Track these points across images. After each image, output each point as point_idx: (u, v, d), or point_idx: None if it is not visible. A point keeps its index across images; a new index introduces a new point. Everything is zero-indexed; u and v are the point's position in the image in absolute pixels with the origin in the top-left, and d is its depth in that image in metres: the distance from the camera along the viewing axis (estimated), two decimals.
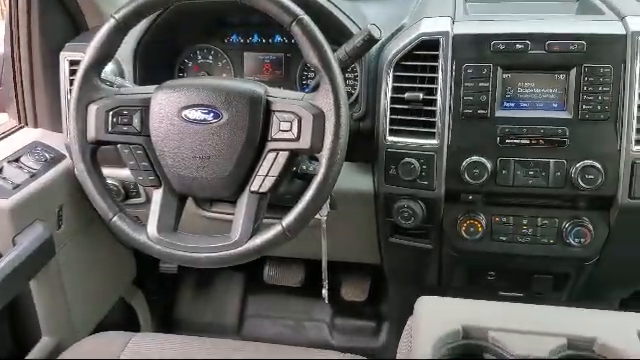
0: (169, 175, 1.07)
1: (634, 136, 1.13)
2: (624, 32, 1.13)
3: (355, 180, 1.34)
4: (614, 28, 1.15)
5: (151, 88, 1.08)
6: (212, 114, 1.03)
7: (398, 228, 1.33)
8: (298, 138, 1.01)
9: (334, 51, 1.14)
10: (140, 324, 1.89)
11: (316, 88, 1.02)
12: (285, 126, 1.01)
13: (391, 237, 1.37)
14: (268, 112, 1.03)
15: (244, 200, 1.04)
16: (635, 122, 1.13)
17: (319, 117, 1.00)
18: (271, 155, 1.02)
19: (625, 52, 1.13)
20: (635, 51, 1.12)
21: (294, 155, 1.04)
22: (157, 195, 1.09)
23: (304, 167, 1.18)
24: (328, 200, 1.21)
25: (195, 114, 1.04)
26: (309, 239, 1.33)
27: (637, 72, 1.12)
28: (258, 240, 1.03)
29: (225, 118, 1.02)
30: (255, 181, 1.03)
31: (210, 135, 1.03)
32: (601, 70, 1.13)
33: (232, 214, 1.06)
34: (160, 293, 2.02)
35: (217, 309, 2.06)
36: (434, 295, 0.94)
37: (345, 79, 1.37)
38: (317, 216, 1.24)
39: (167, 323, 2.03)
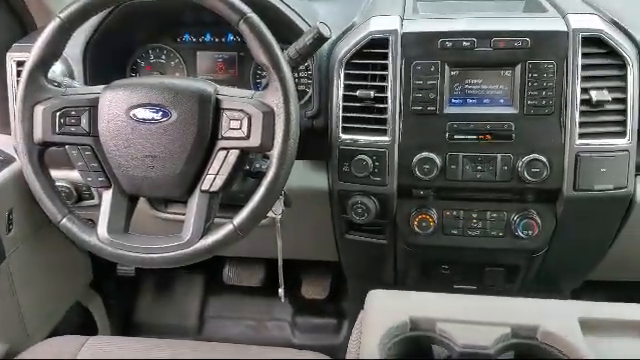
0: (119, 175, 1.06)
1: (577, 130, 1.17)
2: (566, 29, 1.17)
3: (310, 178, 1.35)
4: (556, 25, 1.18)
5: (99, 88, 1.07)
6: (161, 113, 1.03)
7: (353, 224, 1.35)
8: (248, 136, 1.01)
9: (284, 49, 1.15)
10: (98, 328, 1.86)
11: (267, 86, 1.03)
12: (235, 124, 1.01)
13: (347, 234, 1.38)
14: (218, 110, 1.03)
15: (195, 199, 1.04)
16: (578, 116, 1.16)
17: (269, 115, 1.00)
18: (221, 154, 1.02)
19: (567, 48, 1.16)
20: (576, 47, 1.16)
21: (245, 153, 1.04)
22: (107, 196, 1.08)
23: (257, 166, 1.19)
24: (282, 198, 1.22)
25: (144, 113, 1.03)
26: (266, 238, 1.33)
27: (579, 67, 1.16)
28: (209, 239, 1.03)
29: (174, 117, 1.02)
30: (206, 180, 1.03)
31: (159, 134, 1.03)
32: (545, 66, 1.16)
33: None
34: (118, 296, 1.99)
35: (177, 311, 2.04)
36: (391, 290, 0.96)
37: (299, 77, 1.40)
38: (271, 215, 1.25)
39: (126, 327, 2.01)
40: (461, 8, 1.40)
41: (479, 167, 1.20)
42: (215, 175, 1.03)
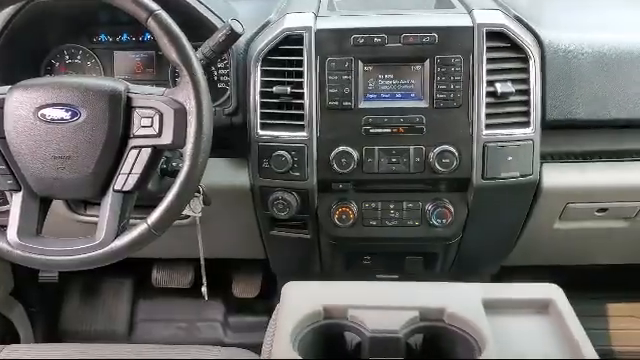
0: (28, 178, 1.04)
1: (484, 121, 1.22)
2: (471, 24, 1.22)
3: (231, 175, 1.35)
4: (462, 21, 1.23)
5: (4, 89, 1.04)
6: (70, 113, 1.01)
7: (276, 221, 1.36)
8: (160, 134, 1.00)
9: (199, 47, 1.15)
10: (20, 338, 1.80)
11: (178, 83, 1.03)
12: (146, 122, 1.01)
13: (271, 230, 1.40)
14: (129, 109, 1.02)
15: (108, 199, 1.03)
16: (484, 108, 1.21)
17: (180, 112, 1.00)
18: (134, 152, 1.01)
19: (472, 43, 1.21)
20: (481, 41, 1.21)
21: (158, 151, 1.03)
22: (17, 199, 1.06)
23: (174, 164, 1.18)
24: (201, 197, 1.22)
25: (52, 113, 1.01)
26: (191, 238, 1.33)
27: (484, 61, 1.21)
28: (124, 239, 1.02)
29: (84, 116, 1.00)
30: (118, 180, 1.02)
31: (69, 134, 1.01)
32: (452, 60, 1.21)
33: None
34: (41, 304, 1.93)
35: (105, 316, 2.00)
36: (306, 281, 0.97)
37: (219, 76, 1.40)
38: (191, 213, 1.25)
39: (52, 335, 1.95)
40: (377, 5, 1.44)
41: (394, 159, 1.24)
42: (128, 174, 1.02)
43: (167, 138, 1.00)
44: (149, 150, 1.01)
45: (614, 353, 1.90)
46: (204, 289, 1.33)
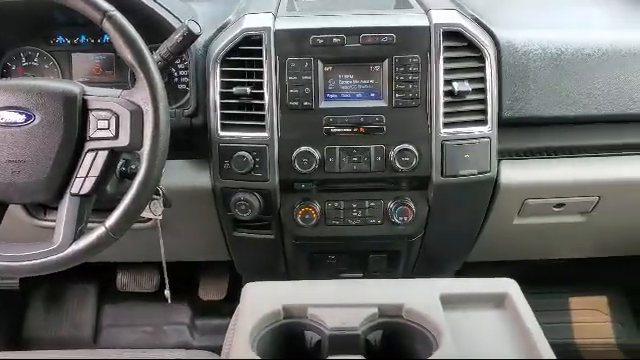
0: None
1: (442, 119, 1.24)
2: (428, 24, 1.24)
3: (192, 177, 1.34)
4: (419, 21, 1.25)
5: None
6: (24, 116, 1.00)
7: (239, 222, 1.36)
8: (117, 136, 1.00)
9: (157, 48, 1.15)
10: None
11: (134, 84, 1.02)
12: (103, 124, 1.00)
13: (234, 231, 1.39)
14: (85, 111, 1.01)
15: (65, 203, 1.02)
16: (442, 107, 1.23)
17: (137, 113, 0.99)
18: (90, 155, 1.01)
19: (430, 42, 1.23)
20: (438, 41, 1.23)
21: (115, 154, 1.03)
22: None
23: (133, 167, 1.17)
24: (161, 199, 1.21)
25: (6, 116, 1.00)
26: (154, 241, 1.32)
27: (441, 60, 1.23)
28: (81, 244, 1.01)
29: (38, 119, 0.99)
30: (75, 183, 1.01)
31: (23, 138, 0.99)
32: (410, 60, 1.23)
33: None
34: (3, 311, 1.89)
35: (70, 323, 1.97)
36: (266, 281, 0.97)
37: (179, 77, 1.39)
38: (151, 216, 1.24)
39: (14, 342, 1.91)
40: (337, 6, 1.44)
41: (355, 159, 1.25)
42: (84, 177, 1.01)
43: (124, 140, 0.99)
44: (106, 153, 1.00)
45: (577, 346, 1.95)
46: (167, 292, 1.32)
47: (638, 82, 1.30)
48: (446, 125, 1.24)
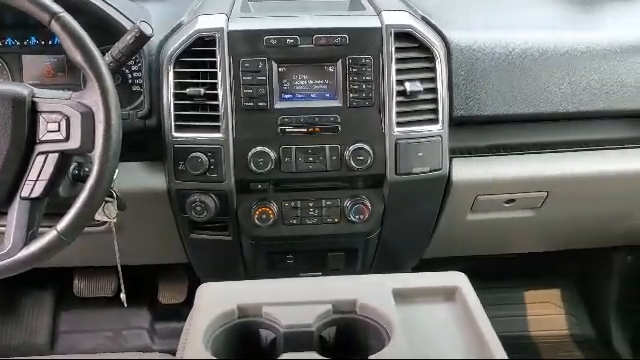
0: None
1: (395, 119, 1.26)
2: (379, 25, 1.26)
3: (147, 179, 1.33)
4: (371, 22, 1.27)
5: None
6: None
7: (196, 223, 1.36)
8: (67, 138, 0.99)
9: (109, 50, 1.14)
10: None
11: (85, 86, 1.01)
12: (53, 127, 0.99)
13: (191, 233, 1.39)
14: (34, 114, 0.99)
15: (15, 207, 1.00)
16: (395, 106, 1.25)
17: (88, 115, 0.98)
18: (40, 158, 0.99)
19: (381, 43, 1.25)
20: (389, 42, 1.25)
21: (66, 156, 1.01)
22: None
23: (86, 169, 1.16)
24: (115, 201, 1.20)
25: None
26: (111, 245, 1.31)
27: (393, 61, 1.25)
28: (32, 248, 0.99)
29: None
30: (25, 187, 0.99)
31: None
32: (363, 61, 1.24)
33: None
34: None
35: (26, 330, 1.92)
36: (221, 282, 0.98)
37: (133, 79, 1.38)
38: (106, 219, 1.23)
39: None
40: (291, 7, 1.46)
41: (310, 158, 1.26)
42: (35, 181, 0.99)
43: (75, 142, 0.98)
44: (56, 155, 0.99)
45: (532, 338, 2.00)
46: (123, 296, 1.31)
47: (580, 81, 1.35)
48: (399, 124, 1.26)
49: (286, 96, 1.26)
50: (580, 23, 1.53)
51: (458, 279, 0.96)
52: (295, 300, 0.91)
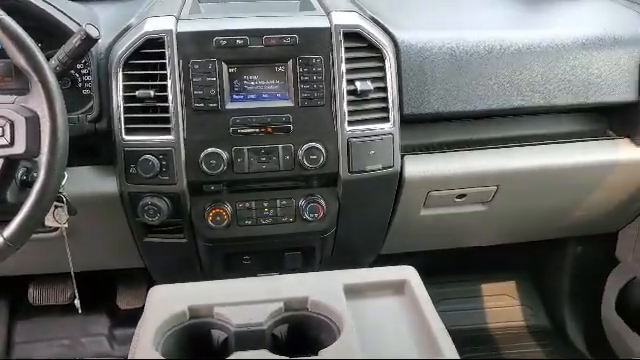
0: None
1: (347, 118, 1.27)
2: (328, 25, 1.27)
3: (99, 183, 1.32)
4: (320, 22, 1.28)
5: None
6: None
7: (150, 227, 1.35)
8: (12, 143, 0.97)
9: (53, 54, 1.12)
10: None
11: (30, 90, 1.00)
12: None
13: (145, 237, 1.38)
14: None
15: None
16: (346, 105, 1.27)
17: (33, 120, 0.97)
18: None
19: (331, 43, 1.26)
20: (339, 41, 1.26)
21: (12, 162, 1.00)
22: None
23: (35, 174, 1.14)
24: (65, 206, 1.19)
25: None
26: (64, 251, 1.29)
27: (343, 61, 1.26)
28: None
29: None
30: None
31: None
32: (313, 60, 1.26)
33: None
34: None
35: None
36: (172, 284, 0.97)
37: (83, 82, 1.36)
38: (56, 224, 1.21)
39: None
40: (243, 8, 1.46)
41: (263, 158, 1.27)
42: None
43: (20, 147, 0.97)
44: (1, 161, 0.97)
45: (490, 330, 2.05)
46: (77, 302, 1.29)
47: (525, 78, 1.39)
48: (351, 123, 1.28)
49: (237, 97, 1.26)
50: (525, 22, 1.58)
51: (407, 273, 0.98)
52: (247, 300, 0.91)
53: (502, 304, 2.09)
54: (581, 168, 1.47)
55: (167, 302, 0.91)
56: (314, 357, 0.80)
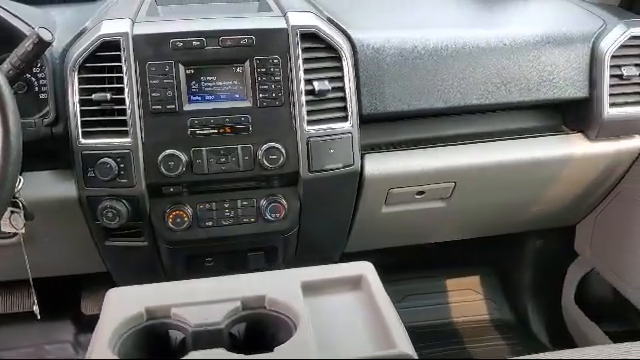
0: None
1: (305, 118, 1.28)
2: (285, 26, 1.28)
3: (57, 187, 1.30)
4: (277, 23, 1.29)
5: None
6: None
7: (111, 230, 1.33)
8: None
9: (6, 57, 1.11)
10: None
11: None
12: None
13: (106, 241, 1.37)
14: None
15: None
16: (304, 105, 1.28)
17: None
18: None
19: (288, 44, 1.27)
20: (296, 42, 1.27)
21: None
22: None
23: None
24: (22, 212, 1.17)
25: None
26: (23, 257, 1.27)
27: (300, 61, 1.28)
28: None
29: None
30: None
31: None
32: (270, 61, 1.26)
33: None
34: None
35: None
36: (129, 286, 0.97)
37: (39, 86, 1.34)
38: (13, 230, 1.20)
39: None
40: (201, 10, 1.46)
41: (223, 159, 1.27)
42: None
43: None
44: None
45: (455, 325, 2.08)
46: (35, 308, 1.28)
47: (481, 75, 1.42)
48: (310, 122, 1.29)
49: (195, 98, 1.26)
50: (481, 21, 1.61)
51: (364, 268, 0.99)
52: (204, 299, 0.91)
53: (466, 299, 2.13)
54: (536, 163, 1.50)
55: (124, 304, 0.90)
56: (269, 354, 0.80)
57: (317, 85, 1.28)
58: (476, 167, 1.46)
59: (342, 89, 1.31)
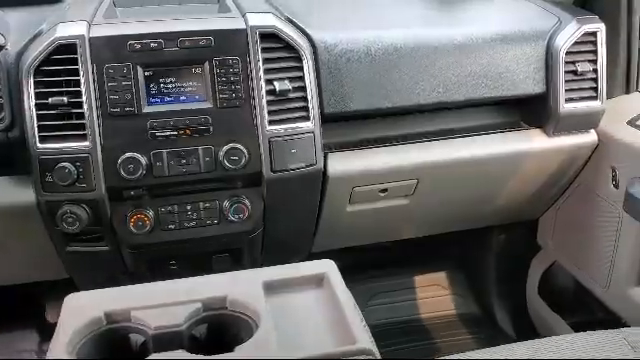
0: None
1: (267, 117, 1.29)
2: (244, 26, 1.28)
3: (14, 194, 1.28)
4: (236, 24, 1.29)
5: None
6: None
7: (71, 236, 1.31)
8: None
9: None
10: None
11: None
12: None
13: (66, 247, 1.34)
14: None
15: None
16: (266, 105, 1.28)
17: None
18: None
19: (247, 44, 1.27)
20: (255, 42, 1.27)
21: None
22: None
23: None
24: None
25: None
26: None
27: (260, 61, 1.28)
28: None
29: None
30: None
31: None
32: (230, 62, 1.26)
33: None
34: None
35: None
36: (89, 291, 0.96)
37: None
38: None
39: None
40: (160, 12, 1.44)
41: (183, 161, 1.26)
42: None
43: None
44: None
45: (422, 320, 2.10)
46: None
47: (439, 74, 1.43)
48: (271, 122, 1.29)
49: (154, 100, 1.26)
50: (440, 20, 1.63)
51: (326, 266, 0.99)
52: (165, 302, 0.91)
53: (434, 294, 2.15)
54: (497, 159, 1.53)
55: (83, 309, 0.89)
56: (229, 354, 0.80)
57: (278, 85, 1.28)
58: (437, 164, 1.48)
59: (303, 89, 1.32)
